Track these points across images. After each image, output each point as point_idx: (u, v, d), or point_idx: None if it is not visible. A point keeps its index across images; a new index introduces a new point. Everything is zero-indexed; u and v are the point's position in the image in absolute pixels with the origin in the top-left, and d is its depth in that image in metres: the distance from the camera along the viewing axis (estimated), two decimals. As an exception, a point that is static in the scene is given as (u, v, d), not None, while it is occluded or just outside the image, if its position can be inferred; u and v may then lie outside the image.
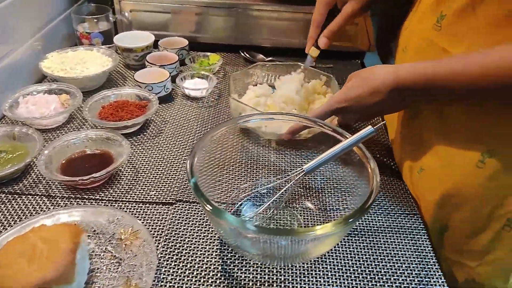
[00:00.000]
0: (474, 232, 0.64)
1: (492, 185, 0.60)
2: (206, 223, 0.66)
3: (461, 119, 0.61)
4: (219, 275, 0.59)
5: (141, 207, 0.69)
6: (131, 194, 0.71)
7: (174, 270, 0.59)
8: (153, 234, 0.64)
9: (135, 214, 0.68)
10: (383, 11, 0.80)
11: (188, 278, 0.58)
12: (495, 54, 0.51)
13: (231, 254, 0.62)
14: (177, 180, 0.75)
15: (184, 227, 0.65)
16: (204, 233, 0.65)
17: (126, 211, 0.68)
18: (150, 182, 0.74)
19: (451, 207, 0.64)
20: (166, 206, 0.69)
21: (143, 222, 0.66)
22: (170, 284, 0.57)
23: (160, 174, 0.76)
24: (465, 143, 0.61)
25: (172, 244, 0.63)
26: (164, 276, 0.58)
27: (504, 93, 0.53)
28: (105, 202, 0.69)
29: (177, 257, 0.61)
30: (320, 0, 0.83)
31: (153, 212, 0.68)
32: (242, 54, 1.17)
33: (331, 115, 0.72)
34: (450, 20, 0.59)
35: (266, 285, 0.58)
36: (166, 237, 0.64)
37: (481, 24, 0.55)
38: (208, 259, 0.61)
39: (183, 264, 0.60)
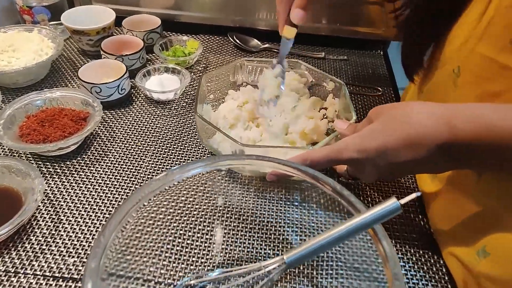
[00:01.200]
0: None
1: None
2: (141, 320, 0.45)
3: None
4: None
5: (51, 284, 0.47)
6: (40, 261, 0.49)
7: None
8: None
9: (40, 297, 0.46)
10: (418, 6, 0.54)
11: None
12: None
13: None
14: (112, 237, 0.52)
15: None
16: None
17: (27, 291, 0.46)
18: (72, 240, 0.52)
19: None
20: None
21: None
22: None
23: (88, 226, 0.53)
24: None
25: None
26: None
27: None
28: (1, 274, 0.48)
29: None
30: None
31: (67, 295, 0.46)
32: (231, 39, 0.91)
33: (336, 164, 0.49)
34: None
35: None
36: None
37: None
38: None
39: None
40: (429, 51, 0.58)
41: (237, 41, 0.91)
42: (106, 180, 0.60)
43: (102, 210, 0.55)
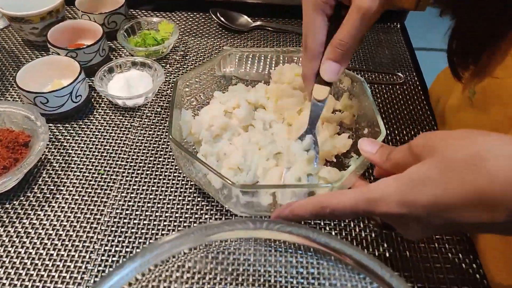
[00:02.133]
0: None
1: None
2: None
3: None
4: None
5: None
6: None
7: None
8: None
9: None
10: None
11: None
12: None
13: None
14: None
15: None
16: None
17: None
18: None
19: None
20: None
21: None
22: None
23: (35, 305, 0.39)
24: None
25: None
26: None
27: None
28: None
29: None
30: (308, 5, 0.41)
31: None
32: (214, 16, 0.74)
33: (366, 216, 0.36)
34: None
35: None
36: None
37: None
38: None
39: None
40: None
41: (222, 19, 0.73)
42: (58, 230, 0.45)
43: (53, 278, 0.41)
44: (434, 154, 0.30)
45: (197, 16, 0.76)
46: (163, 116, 0.58)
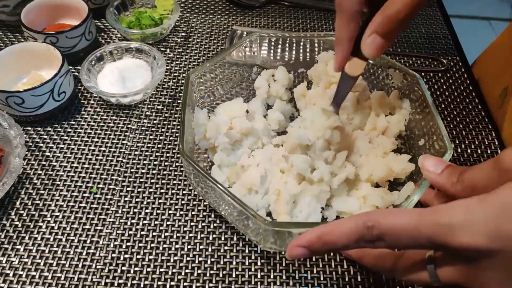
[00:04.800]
0: None
1: None
2: None
3: None
4: None
5: None
6: None
7: None
8: None
9: None
10: None
11: None
12: None
13: None
14: None
15: None
16: None
17: None
18: None
19: None
20: None
21: None
22: None
23: None
24: None
25: None
26: None
27: None
28: None
29: None
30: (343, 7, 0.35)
31: None
32: (223, -11, 0.63)
33: (425, 245, 0.27)
34: None
35: None
36: None
37: None
38: None
39: None
40: None
41: (233, -8, 0.62)
42: (43, 270, 0.36)
43: (38, 338, 0.33)
44: None
45: (202, -12, 0.64)
46: (166, 115, 0.48)
